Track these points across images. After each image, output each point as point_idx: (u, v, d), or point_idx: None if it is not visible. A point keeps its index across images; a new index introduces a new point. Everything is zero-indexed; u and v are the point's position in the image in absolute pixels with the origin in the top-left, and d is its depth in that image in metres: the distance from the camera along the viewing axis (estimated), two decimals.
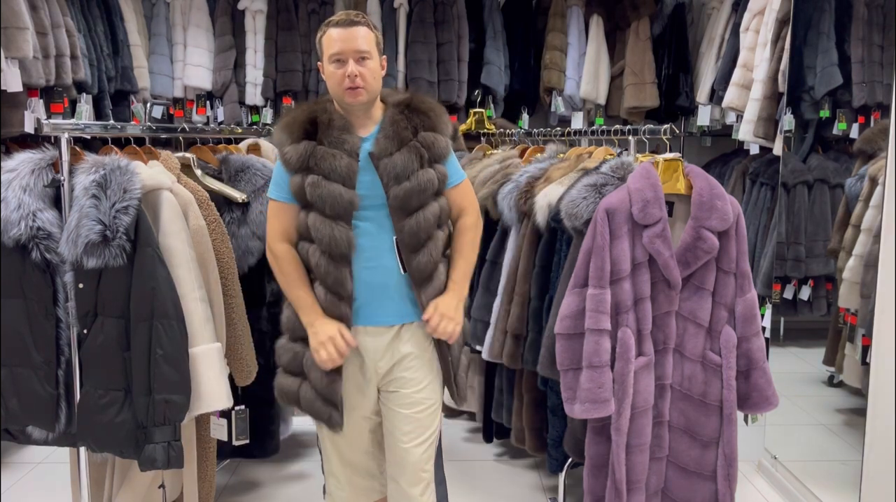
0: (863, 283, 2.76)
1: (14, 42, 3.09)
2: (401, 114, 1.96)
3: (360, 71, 1.88)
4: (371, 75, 1.90)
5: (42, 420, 2.18)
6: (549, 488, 3.05)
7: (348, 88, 1.89)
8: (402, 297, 1.99)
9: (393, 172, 1.91)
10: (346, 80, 1.88)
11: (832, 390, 3.37)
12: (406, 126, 1.95)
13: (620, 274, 2.17)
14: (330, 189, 1.87)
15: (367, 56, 1.89)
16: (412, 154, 1.93)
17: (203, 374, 2.17)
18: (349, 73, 1.87)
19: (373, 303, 1.97)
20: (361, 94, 1.90)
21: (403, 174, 1.91)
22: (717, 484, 2.27)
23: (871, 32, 3.25)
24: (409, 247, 1.94)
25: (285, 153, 1.91)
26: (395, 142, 1.93)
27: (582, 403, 2.18)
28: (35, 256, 2.07)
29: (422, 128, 1.96)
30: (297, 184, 1.91)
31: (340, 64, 1.89)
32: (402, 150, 1.92)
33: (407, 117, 1.96)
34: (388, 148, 1.92)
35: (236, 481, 3.11)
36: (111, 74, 4.01)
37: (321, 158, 1.88)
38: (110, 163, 2.09)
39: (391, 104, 2.00)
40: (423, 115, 1.98)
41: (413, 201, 1.92)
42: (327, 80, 1.94)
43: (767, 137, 3.66)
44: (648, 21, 4.81)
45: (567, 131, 3.24)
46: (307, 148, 1.89)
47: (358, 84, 1.88)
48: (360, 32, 1.89)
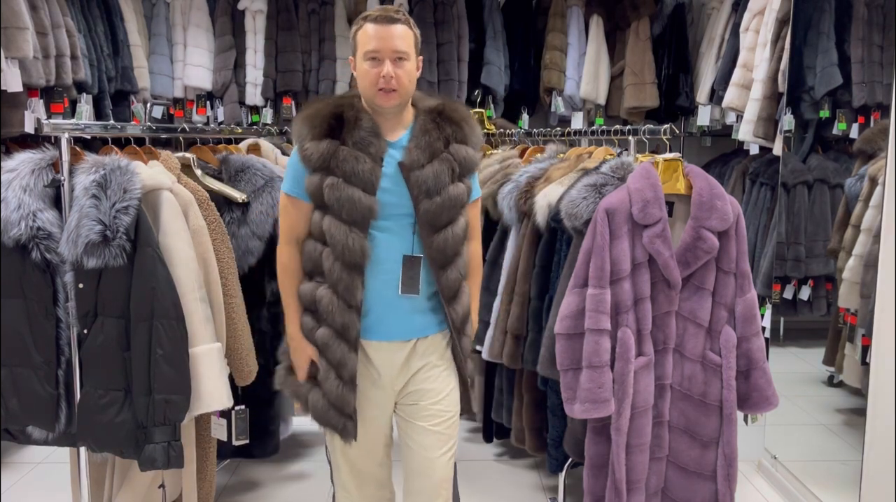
0: (863, 283, 2.76)
1: (14, 42, 3.09)
2: (433, 122, 1.87)
3: (396, 72, 1.77)
4: (407, 78, 1.80)
5: (42, 420, 2.18)
6: (549, 488, 3.05)
7: (381, 90, 1.78)
8: (420, 310, 1.92)
9: (424, 186, 1.82)
10: (380, 80, 1.77)
11: (832, 390, 3.37)
12: (438, 137, 1.85)
13: (620, 274, 2.17)
14: (349, 193, 1.78)
15: (404, 57, 1.78)
16: (444, 167, 1.83)
17: (203, 374, 2.17)
18: (384, 74, 1.76)
19: (389, 316, 1.89)
20: (395, 98, 1.80)
21: (434, 189, 1.82)
22: (717, 484, 2.27)
23: (871, 32, 3.25)
24: (438, 262, 1.87)
25: (306, 149, 1.80)
26: (427, 154, 1.83)
27: (582, 403, 2.18)
28: (35, 256, 2.07)
29: (454, 139, 1.86)
30: (314, 183, 1.81)
31: (375, 63, 1.78)
32: (433, 163, 1.83)
33: (439, 126, 1.86)
34: (419, 159, 1.83)
35: (236, 481, 3.11)
36: (111, 74, 4.01)
37: (343, 160, 1.78)
38: (110, 163, 2.09)
39: (422, 109, 1.90)
40: (455, 125, 1.88)
41: (443, 217, 1.85)
42: (359, 78, 1.83)
43: (767, 137, 3.66)
44: (648, 21, 4.81)
45: (567, 131, 3.24)
46: (330, 147, 1.79)
47: (392, 86, 1.78)
48: (398, 31, 1.78)
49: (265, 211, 2.54)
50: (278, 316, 2.59)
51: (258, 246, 2.53)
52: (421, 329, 1.94)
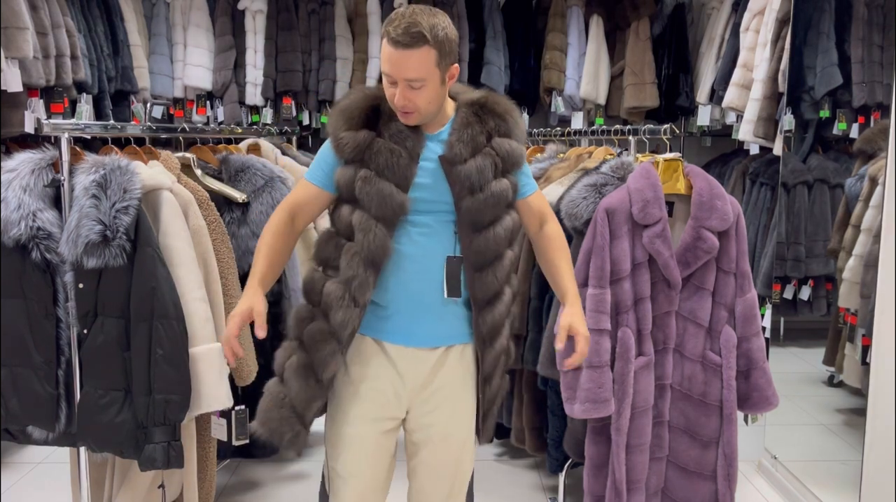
0: (863, 283, 2.76)
1: (14, 42, 3.09)
2: (474, 115, 1.76)
3: (409, 96, 1.66)
4: (424, 100, 1.68)
5: (42, 420, 2.18)
6: (549, 488, 3.05)
7: (399, 110, 1.70)
8: (453, 316, 1.79)
9: (467, 182, 1.71)
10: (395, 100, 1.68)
11: (832, 390, 3.37)
12: (481, 131, 1.75)
13: (620, 274, 2.17)
14: (380, 187, 1.68)
15: (419, 85, 1.65)
16: (487, 162, 1.73)
17: (203, 374, 2.17)
18: (397, 102, 1.67)
19: (418, 319, 1.77)
20: (413, 118, 1.71)
21: (477, 184, 1.72)
22: (717, 484, 2.27)
23: (871, 32, 3.25)
24: (474, 265, 1.75)
25: (341, 139, 1.72)
26: (470, 148, 1.73)
27: (582, 403, 2.18)
28: (35, 256, 2.07)
29: (496, 133, 1.77)
30: (347, 176, 1.72)
31: (392, 84, 1.68)
32: (476, 157, 1.73)
33: (481, 119, 1.76)
34: (461, 153, 1.72)
35: (236, 481, 3.11)
36: (111, 74, 4.01)
37: (377, 152, 1.69)
38: (110, 163, 2.08)
39: (464, 102, 1.80)
40: (499, 118, 1.78)
41: (487, 214, 1.74)
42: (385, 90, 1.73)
43: (767, 137, 3.66)
44: (648, 21, 4.81)
45: (567, 131, 3.24)
46: (366, 138, 1.71)
47: (408, 110, 1.69)
48: (413, 59, 1.62)
49: (265, 211, 2.53)
50: (278, 316, 2.59)
51: None
52: (453, 335, 1.81)
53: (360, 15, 4.74)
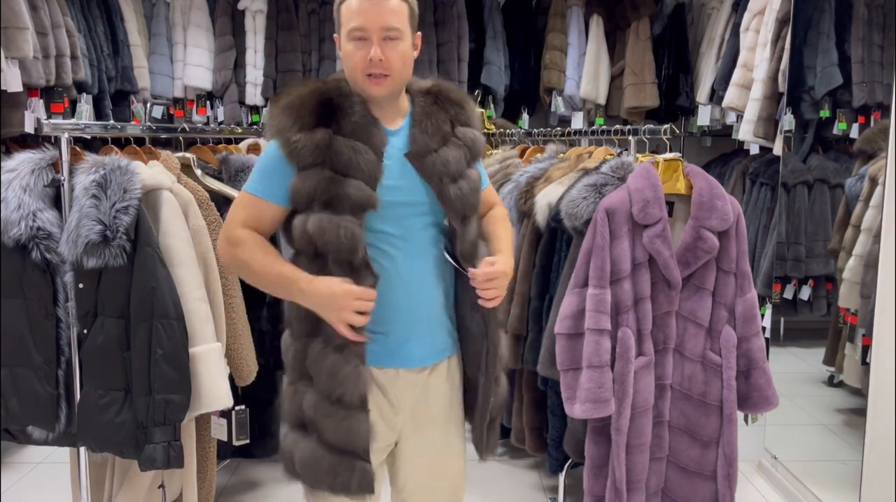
0: (863, 283, 2.76)
1: (14, 42, 3.09)
2: (433, 104, 1.62)
3: (386, 54, 1.50)
4: (401, 60, 1.52)
5: (42, 420, 2.18)
6: (549, 488, 3.05)
7: (370, 75, 1.52)
8: (442, 329, 1.66)
9: (444, 170, 1.57)
10: (367, 64, 1.50)
11: (832, 390, 3.37)
12: (444, 118, 1.61)
13: (620, 274, 2.17)
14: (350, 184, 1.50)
15: (396, 36, 1.51)
16: (460, 152, 1.60)
17: (203, 374, 2.17)
18: (372, 57, 1.49)
19: (411, 339, 1.61)
20: (386, 84, 1.53)
21: (456, 173, 1.58)
22: (717, 484, 2.27)
23: (871, 32, 3.25)
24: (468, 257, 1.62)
25: (294, 142, 1.49)
26: (437, 137, 1.59)
27: (582, 403, 2.18)
28: (35, 256, 2.07)
29: (458, 122, 1.64)
30: (309, 184, 1.50)
31: (362, 43, 1.50)
32: (447, 146, 1.59)
33: (442, 107, 1.62)
34: (428, 144, 1.57)
35: (236, 481, 3.11)
36: (111, 74, 4.01)
37: (339, 151, 1.50)
38: (110, 163, 2.08)
39: (418, 91, 1.66)
40: (457, 106, 1.65)
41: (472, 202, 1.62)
42: (344, 61, 1.55)
43: (767, 137, 3.66)
44: (648, 21, 4.81)
45: (567, 131, 3.24)
46: (324, 137, 1.49)
47: (382, 70, 1.50)
48: (389, 4, 1.50)
49: None
50: (278, 316, 2.60)
51: None
52: (442, 351, 1.68)
53: None
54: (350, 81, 1.57)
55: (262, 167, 1.58)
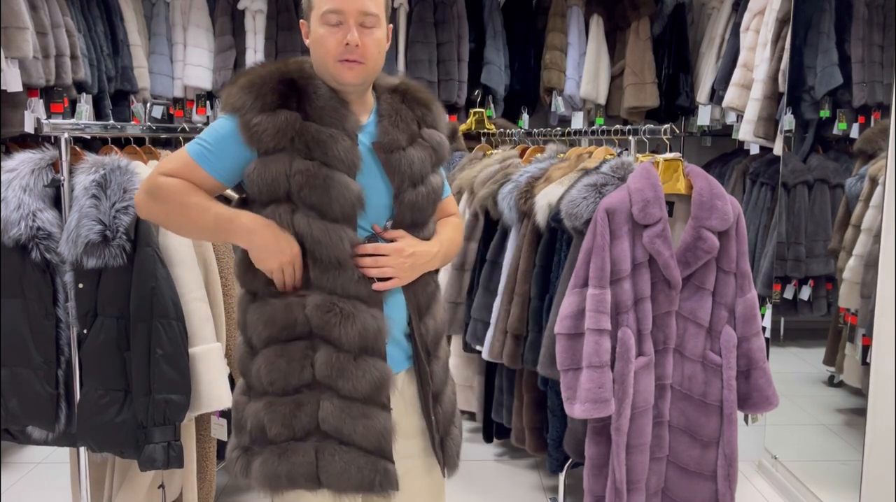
0: (863, 283, 2.76)
1: (14, 42, 3.09)
2: (400, 101, 1.56)
3: (363, 41, 1.43)
4: (376, 48, 1.46)
5: (42, 420, 2.18)
6: (549, 488, 3.05)
7: (344, 60, 1.43)
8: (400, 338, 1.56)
9: (408, 172, 1.50)
10: (342, 49, 1.42)
11: (832, 390, 3.37)
12: (412, 118, 1.55)
13: (620, 274, 2.17)
14: (335, 179, 1.41)
15: (373, 23, 1.45)
16: (425, 153, 1.54)
17: (203, 374, 2.17)
18: (349, 41, 1.41)
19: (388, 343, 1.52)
20: (360, 72, 1.45)
21: (419, 175, 1.51)
22: (717, 484, 2.27)
23: (871, 32, 3.25)
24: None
25: (256, 124, 1.38)
26: (406, 135, 1.52)
27: (582, 403, 2.18)
28: (35, 256, 2.07)
29: (424, 123, 1.58)
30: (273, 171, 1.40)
31: (336, 28, 1.43)
32: (414, 146, 1.53)
33: (409, 107, 1.56)
34: (398, 140, 1.50)
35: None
36: (111, 74, 4.01)
37: (314, 138, 1.40)
38: (110, 163, 2.09)
39: (384, 88, 1.59)
40: (424, 107, 1.59)
41: (427, 211, 1.56)
42: (314, 46, 1.46)
43: (767, 137, 3.66)
44: (648, 21, 4.81)
45: (567, 131, 3.24)
46: (291, 121, 1.40)
47: (357, 56, 1.43)
48: None
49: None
50: None
51: None
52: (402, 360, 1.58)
53: None
54: (319, 68, 1.48)
55: (212, 137, 1.45)
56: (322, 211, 1.42)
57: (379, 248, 1.47)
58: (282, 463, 1.48)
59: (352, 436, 1.47)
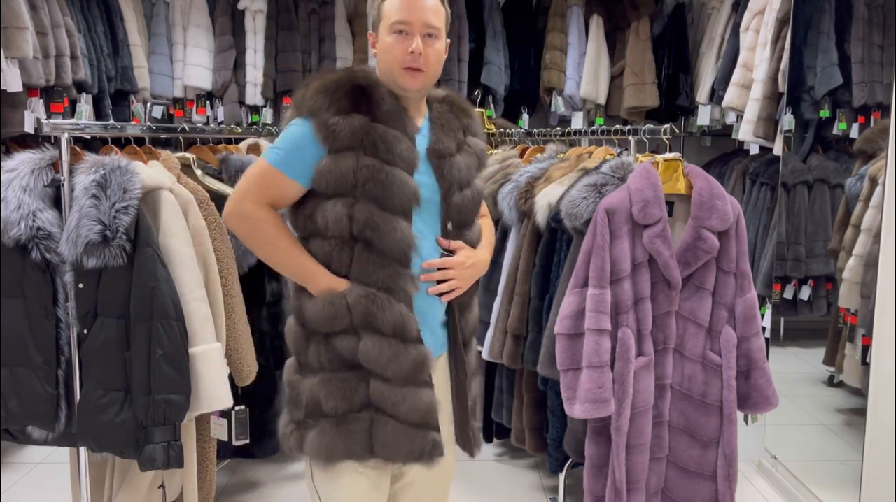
0: (863, 283, 2.76)
1: (14, 42, 3.09)
2: (449, 111, 1.71)
3: (425, 50, 1.56)
4: (436, 58, 1.60)
5: (42, 420, 2.18)
6: (549, 488, 3.05)
7: (408, 68, 1.57)
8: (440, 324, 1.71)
9: (457, 176, 1.63)
10: (407, 56, 1.56)
11: (832, 390, 3.37)
12: (458, 126, 1.69)
13: (620, 274, 2.17)
14: (396, 176, 1.53)
15: (435, 34, 1.59)
16: (471, 159, 1.69)
17: (203, 374, 2.17)
18: (414, 49, 1.55)
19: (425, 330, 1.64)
20: (421, 79, 1.59)
21: (465, 180, 1.65)
22: (717, 484, 2.27)
23: (871, 32, 3.25)
24: None
25: (333, 124, 1.51)
26: (454, 142, 1.66)
27: (582, 403, 2.18)
28: (35, 256, 2.07)
29: (468, 131, 1.72)
30: (342, 167, 1.52)
31: (403, 37, 1.57)
32: (461, 152, 1.67)
33: (456, 116, 1.71)
34: (449, 146, 1.64)
35: (236, 481, 3.11)
36: (111, 74, 4.01)
37: (381, 138, 1.54)
38: (110, 163, 2.08)
39: (434, 98, 1.74)
40: (468, 116, 1.74)
41: (472, 214, 1.69)
42: (381, 53, 1.60)
43: (767, 137, 3.66)
44: (648, 21, 4.81)
45: (567, 131, 3.24)
46: (362, 122, 1.53)
47: (420, 65, 1.57)
48: (432, 4, 1.58)
49: None
50: (278, 316, 2.60)
51: None
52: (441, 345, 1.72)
53: (360, 15, 4.74)
54: (384, 73, 1.62)
55: (290, 143, 1.57)
56: (382, 203, 1.54)
57: (446, 263, 1.63)
58: (338, 433, 1.60)
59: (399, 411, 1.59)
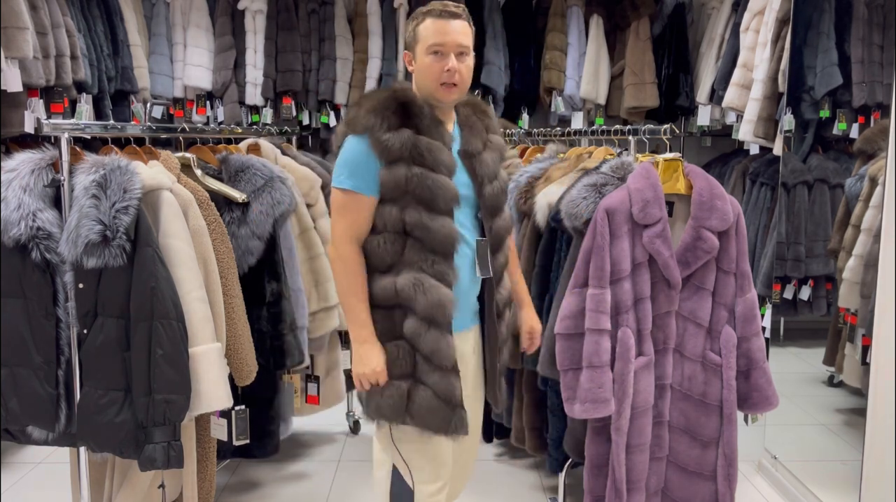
0: (863, 283, 2.76)
1: (14, 42, 3.09)
2: (473, 114, 1.97)
3: (459, 67, 1.82)
4: (468, 73, 1.86)
5: (42, 420, 2.18)
6: (549, 488, 3.05)
7: (444, 84, 1.83)
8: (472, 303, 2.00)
9: (487, 170, 1.90)
10: (443, 74, 1.81)
11: (832, 390, 3.37)
12: (482, 127, 1.96)
13: (620, 274, 2.17)
14: (440, 181, 1.79)
15: (465, 52, 1.84)
16: (495, 154, 1.95)
17: (203, 374, 2.17)
18: (450, 68, 1.81)
19: (464, 308, 1.94)
20: (455, 92, 1.85)
21: (493, 173, 1.92)
22: (717, 484, 2.27)
23: (871, 32, 3.25)
24: (493, 247, 1.96)
25: (385, 140, 1.77)
26: (480, 142, 1.93)
27: (582, 403, 2.18)
28: (35, 256, 2.07)
29: (489, 130, 1.98)
30: (397, 176, 1.78)
31: (439, 57, 1.82)
32: (486, 150, 1.93)
33: (478, 118, 1.97)
34: (477, 146, 1.91)
35: (236, 481, 3.11)
36: (111, 74, 4.01)
37: (426, 149, 1.80)
38: (110, 163, 2.09)
39: (459, 104, 1.98)
40: (488, 117, 2.00)
41: (501, 200, 1.96)
42: (420, 71, 1.86)
43: (767, 137, 3.66)
44: (648, 21, 4.81)
45: (567, 131, 3.24)
46: (410, 137, 1.79)
47: (455, 80, 1.82)
48: (460, 27, 1.83)
49: (265, 211, 2.53)
50: (278, 316, 2.59)
51: (258, 246, 2.53)
52: (475, 317, 2.02)
53: (360, 15, 4.74)
54: (422, 89, 1.87)
55: (352, 163, 1.82)
56: (429, 205, 1.80)
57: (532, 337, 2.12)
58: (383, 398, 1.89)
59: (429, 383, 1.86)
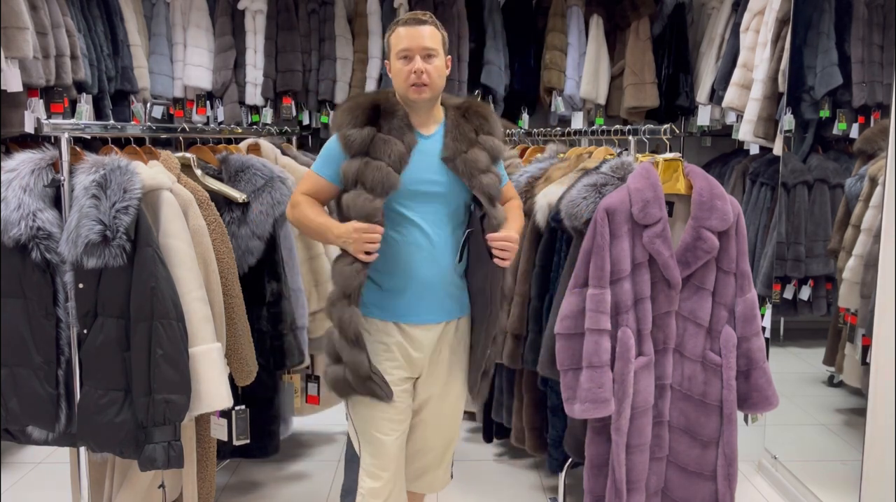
0: (863, 283, 2.76)
1: (14, 42, 3.09)
2: (462, 117, 2.07)
3: (425, 68, 1.94)
4: (436, 73, 1.97)
5: (42, 420, 2.18)
6: (549, 488, 3.05)
7: (413, 84, 1.95)
8: (450, 296, 2.06)
9: (474, 164, 2.00)
10: (411, 76, 1.95)
11: (832, 390, 3.37)
12: (470, 128, 2.05)
13: (620, 274, 2.18)
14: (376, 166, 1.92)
15: (433, 53, 1.96)
16: (484, 152, 2.04)
17: (203, 374, 2.17)
18: (415, 69, 1.94)
19: (426, 300, 2.02)
20: (425, 91, 1.96)
21: (484, 166, 2.02)
22: (717, 484, 2.27)
23: (871, 32, 3.25)
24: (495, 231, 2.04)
25: (349, 136, 1.96)
26: (465, 143, 2.03)
27: (582, 403, 2.18)
28: (35, 256, 2.07)
29: (481, 131, 2.07)
30: (353, 167, 1.95)
31: (407, 61, 1.96)
32: (473, 149, 2.03)
33: (468, 120, 2.07)
34: (460, 147, 2.02)
35: (236, 481, 3.11)
36: (111, 74, 4.00)
37: (381, 142, 1.95)
38: (110, 163, 2.09)
39: (451, 107, 2.10)
40: (482, 118, 2.08)
41: (496, 190, 2.03)
42: (394, 76, 2.00)
43: (767, 137, 3.66)
44: (648, 21, 4.81)
45: (567, 131, 3.24)
46: (369, 133, 1.96)
47: (423, 80, 1.95)
48: (426, 31, 1.97)
49: (265, 211, 2.54)
50: (278, 315, 2.60)
51: (258, 246, 2.53)
52: (452, 312, 2.08)
53: (360, 15, 4.74)
54: (398, 91, 2.02)
55: (325, 153, 2.05)
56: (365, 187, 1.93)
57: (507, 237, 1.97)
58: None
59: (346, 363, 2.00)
